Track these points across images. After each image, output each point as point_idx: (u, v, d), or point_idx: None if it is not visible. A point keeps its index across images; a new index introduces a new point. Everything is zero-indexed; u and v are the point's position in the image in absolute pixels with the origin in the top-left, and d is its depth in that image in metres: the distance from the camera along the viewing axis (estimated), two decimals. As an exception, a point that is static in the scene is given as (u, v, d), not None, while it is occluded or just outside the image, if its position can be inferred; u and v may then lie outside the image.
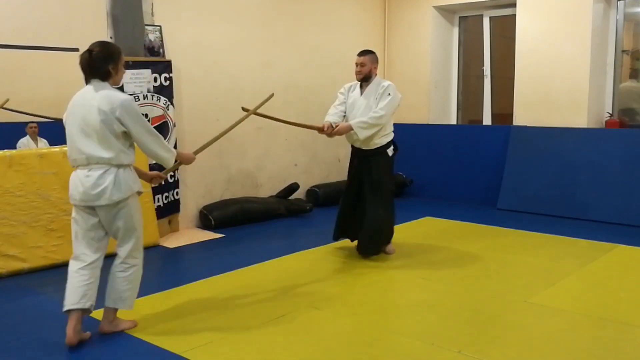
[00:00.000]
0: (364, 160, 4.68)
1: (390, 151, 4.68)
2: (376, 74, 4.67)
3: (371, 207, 4.62)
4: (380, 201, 4.62)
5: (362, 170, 4.70)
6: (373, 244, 4.71)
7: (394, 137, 4.74)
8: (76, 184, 3.17)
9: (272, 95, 4.54)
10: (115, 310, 3.34)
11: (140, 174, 3.55)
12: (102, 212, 3.22)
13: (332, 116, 4.69)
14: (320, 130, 4.61)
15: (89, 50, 3.18)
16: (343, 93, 4.77)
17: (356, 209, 4.77)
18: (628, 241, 5.15)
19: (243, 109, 4.28)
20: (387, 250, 4.82)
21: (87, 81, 3.23)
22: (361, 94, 4.63)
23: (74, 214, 3.26)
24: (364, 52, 4.62)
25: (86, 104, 3.13)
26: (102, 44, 3.24)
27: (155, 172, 3.73)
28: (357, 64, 4.61)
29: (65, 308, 3.15)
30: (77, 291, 3.17)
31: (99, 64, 3.17)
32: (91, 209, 3.21)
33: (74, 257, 3.28)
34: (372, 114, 4.45)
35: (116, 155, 3.19)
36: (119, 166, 3.22)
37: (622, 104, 6.70)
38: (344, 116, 4.72)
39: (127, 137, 3.25)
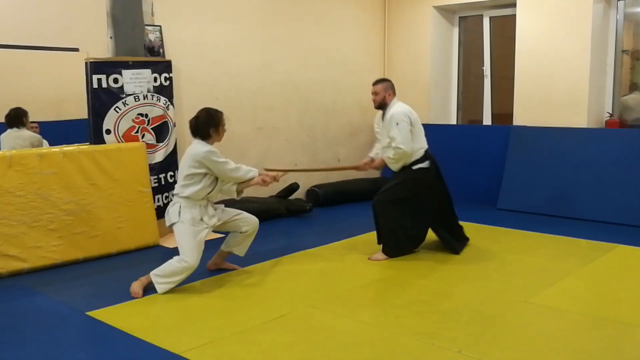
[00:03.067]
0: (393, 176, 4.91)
1: (417, 166, 4.76)
2: (393, 99, 4.79)
3: (379, 211, 4.82)
4: (384, 210, 4.76)
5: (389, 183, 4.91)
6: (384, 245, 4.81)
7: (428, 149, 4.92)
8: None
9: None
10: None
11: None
12: None
13: (374, 150, 5.01)
14: (357, 168, 4.98)
15: (196, 117, 4.11)
16: (376, 123, 4.96)
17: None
18: (628, 241, 5.15)
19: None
20: (374, 257, 4.76)
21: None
22: (381, 122, 4.81)
23: None
24: (378, 81, 4.83)
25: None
26: (206, 111, 4.14)
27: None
28: (373, 93, 4.81)
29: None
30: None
31: (202, 127, 4.09)
32: None
33: None
34: (394, 149, 4.63)
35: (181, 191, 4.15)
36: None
37: (626, 115, 6.69)
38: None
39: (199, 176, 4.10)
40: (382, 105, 4.77)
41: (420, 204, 4.75)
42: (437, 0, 7.52)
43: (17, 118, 4.88)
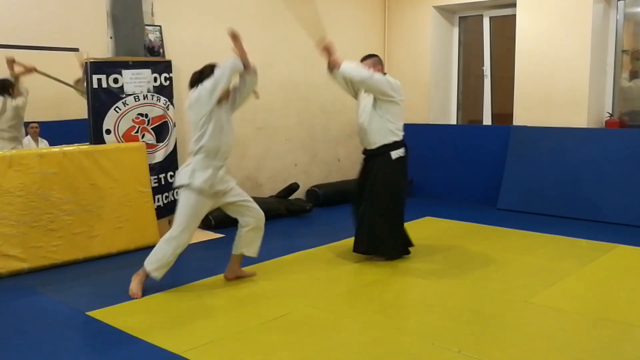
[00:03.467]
0: (367, 161, 4.65)
1: (395, 154, 4.56)
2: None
3: (369, 212, 4.54)
4: (377, 209, 4.53)
5: (365, 172, 4.65)
6: (370, 243, 4.59)
7: (404, 139, 4.65)
8: None
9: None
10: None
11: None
12: None
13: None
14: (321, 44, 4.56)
15: (200, 71, 3.95)
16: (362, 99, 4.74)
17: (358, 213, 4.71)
18: (628, 241, 5.15)
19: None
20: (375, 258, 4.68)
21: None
22: (364, 93, 4.64)
23: None
24: (367, 57, 4.66)
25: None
26: (211, 68, 3.94)
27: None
28: None
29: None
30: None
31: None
32: None
33: None
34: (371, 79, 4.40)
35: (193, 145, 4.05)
36: None
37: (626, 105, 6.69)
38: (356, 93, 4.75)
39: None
40: None
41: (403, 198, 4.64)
42: (437, 0, 7.52)
43: (3, 89, 4.89)
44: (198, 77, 3.90)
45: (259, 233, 4.18)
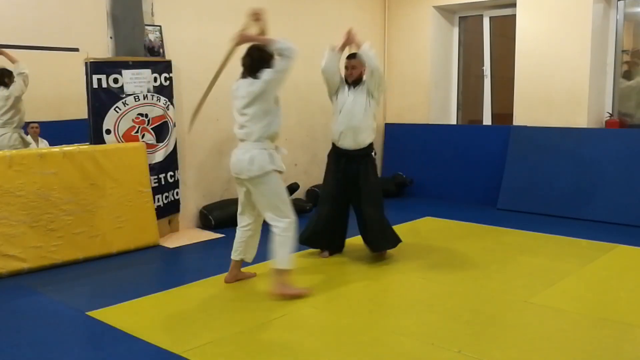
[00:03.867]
0: (353, 162, 4.63)
1: (373, 154, 4.77)
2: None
3: (366, 209, 4.63)
4: (373, 204, 4.64)
5: (351, 173, 4.63)
6: (375, 242, 4.69)
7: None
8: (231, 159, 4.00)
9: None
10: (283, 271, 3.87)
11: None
12: (249, 185, 3.93)
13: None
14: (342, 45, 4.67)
15: (249, 55, 3.90)
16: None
17: (343, 215, 4.76)
18: (628, 241, 5.15)
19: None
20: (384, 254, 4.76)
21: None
22: (348, 92, 4.63)
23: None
24: (355, 55, 4.63)
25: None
26: (257, 48, 3.89)
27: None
28: (347, 67, 4.64)
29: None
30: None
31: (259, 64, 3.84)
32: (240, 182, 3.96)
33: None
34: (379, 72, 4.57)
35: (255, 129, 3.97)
36: None
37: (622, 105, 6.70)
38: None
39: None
40: (357, 80, 4.63)
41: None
42: (437, 0, 7.52)
43: None
44: (260, 59, 3.83)
45: (257, 238, 4.20)
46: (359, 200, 4.65)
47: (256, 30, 4.09)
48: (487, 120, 7.61)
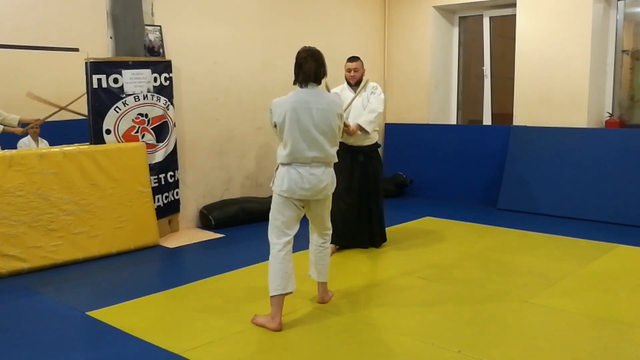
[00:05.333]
0: (366, 157, 4.91)
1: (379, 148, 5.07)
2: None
3: (376, 203, 4.97)
4: (380, 197, 5.04)
5: (366, 166, 4.90)
6: (376, 236, 5.02)
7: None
8: (297, 180, 3.38)
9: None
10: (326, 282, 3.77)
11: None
12: (315, 204, 3.53)
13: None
14: (347, 127, 4.57)
15: (311, 56, 3.52)
16: (338, 94, 4.79)
17: (361, 209, 4.97)
18: (628, 241, 5.15)
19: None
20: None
21: (304, 85, 3.51)
22: (353, 96, 4.83)
23: (283, 206, 3.44)
24: (356, 58, 4.90)
25: (316, 107, 3.40)
26: (315, 51, 3.60)
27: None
28: (350, 69, 4.87)
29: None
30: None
31: (319, 69, 3.50)
32: (302, 202, 3.47)
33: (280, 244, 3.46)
34: (374, 112, 4.73)
35: (334, 155, 3.53)
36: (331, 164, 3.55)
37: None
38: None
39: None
40: (359, 82, 4.86)
41: None
42: (437, 0, 7.52)
43: None
44: (315, 69, 3.51)
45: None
46: (370, 195, 4.94)
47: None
48: (487, 120, 7.61)
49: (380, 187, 5.04)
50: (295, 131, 3.35)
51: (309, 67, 3.48)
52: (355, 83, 4.87)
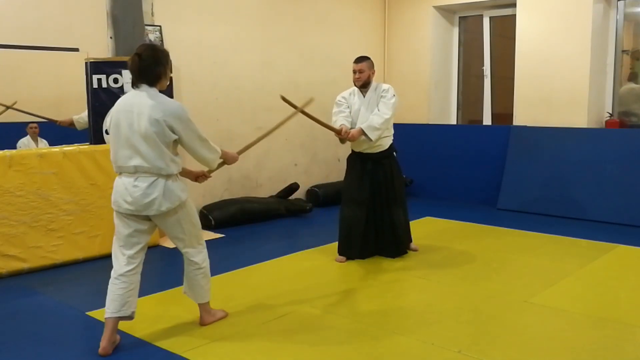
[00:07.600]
0: (377, 164, 4.66)
1: (394, 153, 4.78)
2: (373, 79, 4.66)
3: (396, 211, 4.70)
4: (401, 204, 4.76)
5: (377, 174, 4.65)
6: (402, 245, 4.78)
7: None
8: (122, 192, 3.09)
9: (312, 99, 4.34)
10: (207, 303, 3.43)
11: (186, 173, 3.47)
12: (157, 220, 3.18)
13: (343, 120, 4.59)
14: (338, 132, 4.50)
15: (138, 54, 3.08)
16: (345, 98, 4.71)
17: (375, 218, 4.71)
18: (628, 241, 5.15)
19: (284, 99, 4.17)
20: (413, 247, 4.93)
21: (135, 85, 3.12)
22: (362, 99, 4.63)
23: (116, 220, 3.18)
24: (362, 59, 4.63)
25: (135, 110, 3.02)
26: (151, 47, 3.23)
27: (200, 171, 3.61)
28: (355, 71, 4.61)
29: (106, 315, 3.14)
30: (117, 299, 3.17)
31: (149, 68, 3.08)
32: (137, 217, 3.13)
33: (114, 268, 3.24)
34: (380, 117, 4.47)
35: (167, 165, 3.09)
36: (168, 176, 3.12)
37: (622, 105, 6.70)
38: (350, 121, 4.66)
39: (176, 144, 3.16)
40: (365, 84, 4.60)
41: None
42: (437, 0, 7.52)
43: None
44: (139, 64, 3.11)
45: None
46: (387, 204, 4.66)
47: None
48: (487, 120, 7.61)
49: (399, 196, 4.72)
50: (115, 136, 3.07)
51: (134, 66, 3.09)
52: (361, 86, 4.61)
